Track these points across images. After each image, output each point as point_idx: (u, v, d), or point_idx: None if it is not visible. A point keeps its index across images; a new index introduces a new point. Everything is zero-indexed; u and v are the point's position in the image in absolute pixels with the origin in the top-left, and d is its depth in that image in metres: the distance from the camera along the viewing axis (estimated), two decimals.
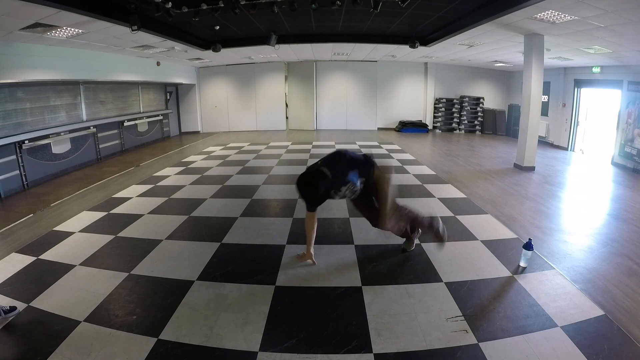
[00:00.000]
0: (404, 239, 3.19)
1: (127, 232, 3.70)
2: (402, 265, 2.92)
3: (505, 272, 2.79)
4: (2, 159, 5.29)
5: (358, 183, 2.61)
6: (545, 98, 9.28)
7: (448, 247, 3.22)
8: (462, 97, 12.11)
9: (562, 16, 4.64)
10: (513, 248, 3.20)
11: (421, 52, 9.13)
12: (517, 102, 10.37)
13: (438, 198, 4.72)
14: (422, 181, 5.59)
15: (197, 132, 12.63)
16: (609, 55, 6.53)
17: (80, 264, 3.01)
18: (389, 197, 2.66)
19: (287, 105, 13.16)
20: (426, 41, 7.36)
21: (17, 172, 5.55)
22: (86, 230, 3.79)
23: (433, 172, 6.23)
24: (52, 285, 2.68)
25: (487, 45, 7.46)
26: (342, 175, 2.55)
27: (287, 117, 13.16)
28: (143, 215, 4.21)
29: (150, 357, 1.93)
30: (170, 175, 6.25)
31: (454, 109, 12.21)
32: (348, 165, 2.62)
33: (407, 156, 7.72)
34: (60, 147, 6.54)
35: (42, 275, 2.84)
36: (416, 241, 3.33)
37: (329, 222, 3.81)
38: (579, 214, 4.27)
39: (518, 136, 6.84)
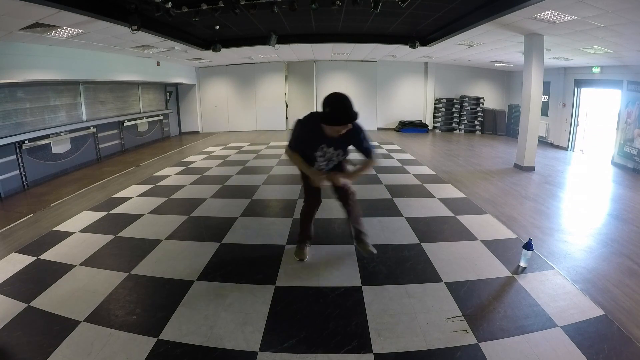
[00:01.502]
0: (357, 242, 3.07)
1: (127, 232, 3.70)
2: (402, 265, 2.92)
3: (505, 272, 2.79)
4: (2, 159, 5.29)
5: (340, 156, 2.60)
6: (545, 98, 9.28)
7: (448, 247, 3.23)
8: (462, 97, 12.11)
9: (562, 16, 4.64)
10: (513, 248, 3.20)
11: (421, 52, 9.13)
12: (517, 102, 10.37)
13: (438, 198, 4.72)
14: (422, 181, 5.59)
15: (197, 132, 12.63)
16: (609, 55, 6.53)
17: (80, 264, 3.01)
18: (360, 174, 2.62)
19: (287, 105, 13.16)
20: (426, 41, 7.36)
21: (17, 172, 5.55)
22: (86, 230, 3.79)
23: (433, 172, 6.23)
24: (52, 285, 2.67)
25: (487, 45, 7.46)
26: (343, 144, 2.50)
27: (287, 117, 13.16)
28: (143, 215, 4.21)
29: (150, 357, 1.93)
30: (170, 175, 6.25)
31: (454, 109, 12.21)
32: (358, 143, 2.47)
33: (407, 156, 7.72)
34: (60, 147, 6.54)
35: (42, 275, 2.84)
36: (416, 241, 3.34)
37: (329, 222, 3.81)
38: (579, 214, 4.27)
39: (518, 136, 6.83)
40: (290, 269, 2.86)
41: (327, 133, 2.36)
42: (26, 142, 5.66)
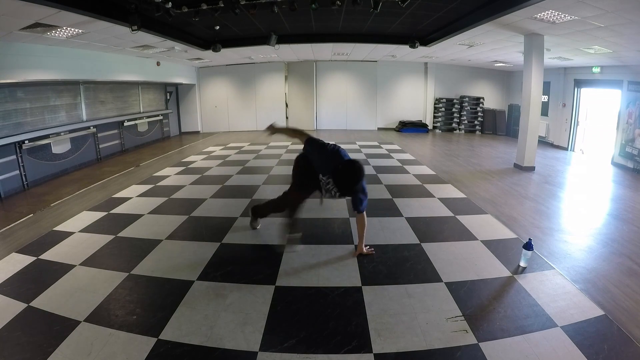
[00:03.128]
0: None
1: (127, 232, 3.70)
2: (402, 265, 2.92)
3: (505, 272, 2.79)
4: (2, 159, 5.29)
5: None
6: (545, 98, 9.28)
7: (448, 247, 3.23)
8: (462, 97, 12.11)
9: (562, 16, 4.64)
10: (513, 248, 3.20)
11: (421, 52, 9.13)
12: (517, 102, 10.36)
13: (438, 198, 4.72)
14: (422, 181, 5.59)
15: (197, 132, 12.63)
16: (609, 55, 6.53)
17: (80, 264, 3.01)
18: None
19: (287, 105, 13.16)
20: (426, 41, 7.36)
21: (17, 172, 5.55)
22: (86, 230, 3.79)
23: (433, 172, 6.23)
24: (52, 285, 2.67)
25: (487, 45, 7.46)
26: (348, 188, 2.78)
27: (287, 117, 13.16)
28: (143, 215, 4.21)
29: (150, 357, 1.93)
30: (170, 175, 6.25)
31: (454, 109, 12.21)
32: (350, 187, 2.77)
33: (407, 156, 7.72)
34: (60, 147, 6.54)
35: (42, 275, 2.84)
36: (416, 241, 3.34)
37: (329, 222, 3.80)
38: (579, 214, 4.27)
39: (518, 136, 6.83)
40: (290, 269, 2.87)
41: None
42: (26, 142, 5.66)
